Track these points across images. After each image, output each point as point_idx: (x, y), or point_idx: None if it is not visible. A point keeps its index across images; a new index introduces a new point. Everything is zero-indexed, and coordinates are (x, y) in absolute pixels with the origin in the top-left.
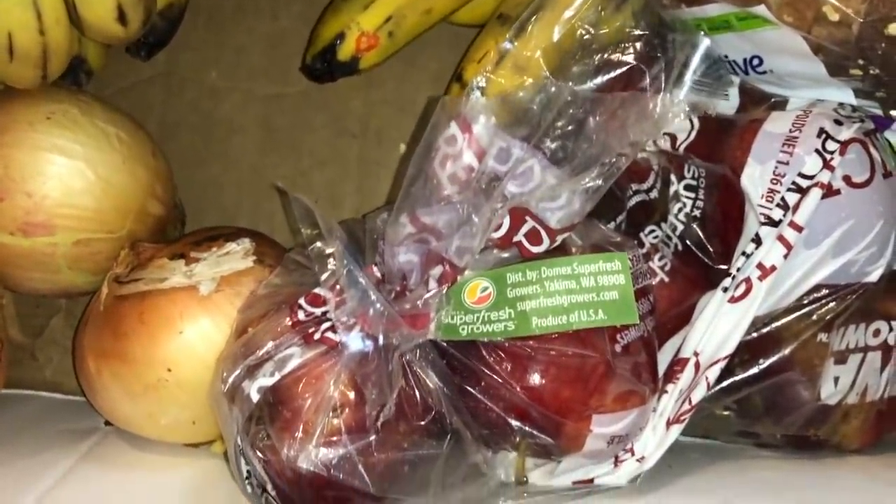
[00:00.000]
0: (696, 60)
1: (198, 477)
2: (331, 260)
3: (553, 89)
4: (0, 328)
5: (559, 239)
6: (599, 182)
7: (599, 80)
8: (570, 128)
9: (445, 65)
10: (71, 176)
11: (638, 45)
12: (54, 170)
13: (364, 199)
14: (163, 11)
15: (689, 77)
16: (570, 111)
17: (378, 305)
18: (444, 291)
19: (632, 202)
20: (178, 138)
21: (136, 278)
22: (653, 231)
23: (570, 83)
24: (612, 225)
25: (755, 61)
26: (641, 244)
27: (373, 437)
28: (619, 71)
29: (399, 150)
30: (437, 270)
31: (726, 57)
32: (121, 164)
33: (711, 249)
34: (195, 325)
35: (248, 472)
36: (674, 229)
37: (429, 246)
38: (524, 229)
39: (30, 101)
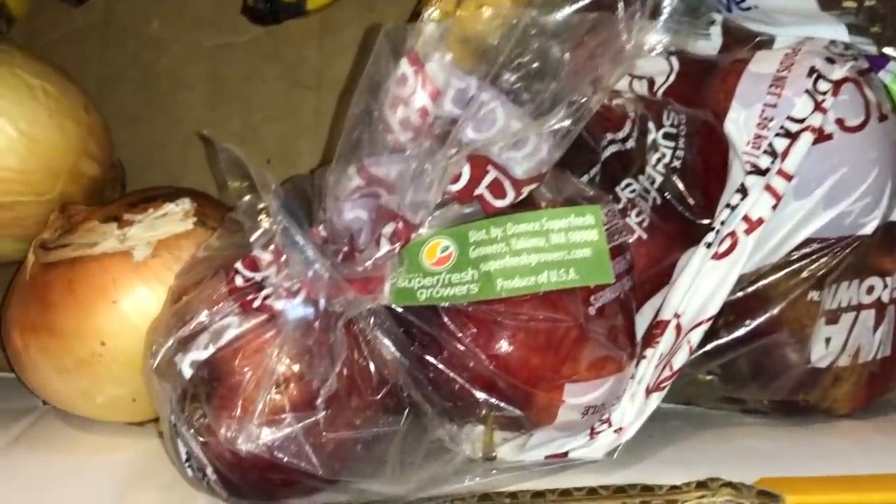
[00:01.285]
0: None
1: (140, 459)
2: (263, 216)
3: (514, 19)
4: None
5: (525, 191)
6: (568, 124)
7: (566, 9)
8: (535, 63)
9: (407, 8)
10: None
11: None
12: None
13: (320, 156)
14: None
15: (666, 8)
16: (535, 44)
17: (321, 268)
18: (398, 251)
19: (606, 153)
20: (117, 93)
21: (64, 244)
22: (629, 185)
23: (535, 12)
24: (585, 178)
25: None
26: (617, 199)
27: (321, 415)
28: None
29: None
30: (388, 228)
31: None
32: (47, 119)
33: (693, 203)
34: (130, 294)
35: (186, 454)
36: (652, 182)
37: (379, 200)
38: (486, 180)
39: None
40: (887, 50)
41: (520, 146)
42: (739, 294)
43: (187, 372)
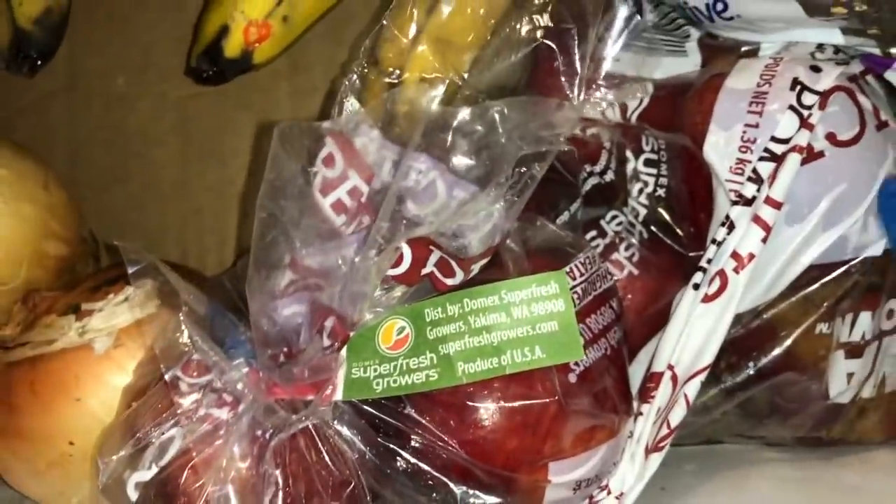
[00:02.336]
0: (615, 27)
1: None
2: (178, 335)
3: (444, 85)
4: None
5: (475, 268)
6: (510, 197)
7: (501, 66)
8: (472, 132)
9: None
10: None
11: (543, 17)
12: None
13: None
14: (39, 19)
15: (610, 49)
16: (467, 113)
17: (269, 370)
18: (339, 349)
19: (587, 187)
20: (89, 156)
21: (23, 342)
22: (615, 217)
23: (465, 76)
24: (566, 216)
25: (719, 6)
26: (603, 233)
27: None
28: (523, 52)
29: None
30: (329, 322)
31: (686, 3)
32: (2, 206)
33: (682, 234)
34: (94, 389)
35: None
36: (636, 214)
37: (315, 293)
38: (432, 260)
39: None
40: (893, 49)
41: (467, 218)
42: (742, 331)
43: (132, 495)
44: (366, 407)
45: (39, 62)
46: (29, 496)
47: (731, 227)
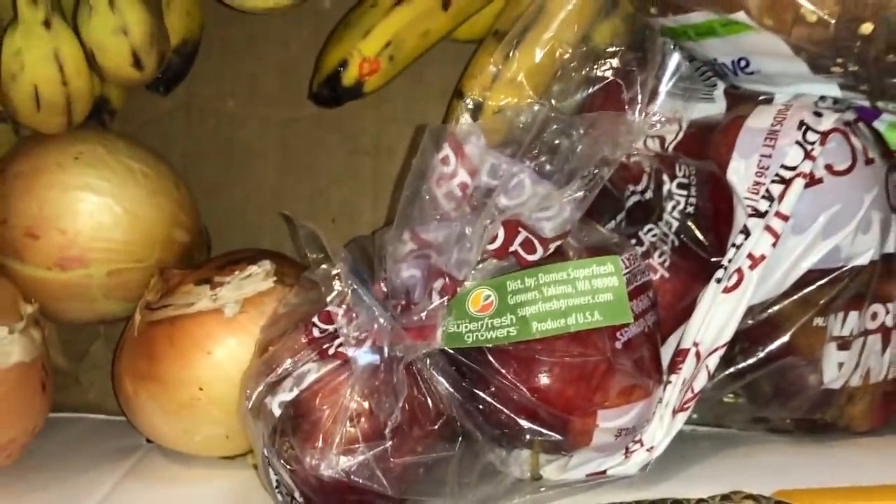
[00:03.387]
0: (668, 72)
1: (235, 488)
2: (337, 280)
3: (535, 108)
4: (45, 356)
5: (552, 247)
6: (583, 193)
7: (579, 96)
8: (553, 143)
9: (450, 80)
10: (100, 211)
11: (614, 62)
12: (85, 207)
13: (379, 213)
14: (177, 48)
15: (663, 87)
16: (552, 128)
17: (383, 320)
18: (447, 302)
19: (629, 202)
20: (200, 167)
21: (165, 304)
22: (651, 229)
23: (552, 101)
24: (612, 224)
25: (742, 63)
26: (641, 242)
27: (388, 444)
28: (597, 87)
29: None
30: (438, 283)
31: (715, 60)
32: (146, 198)
33: (707, 243)
34: (222, 346)
35: (276, 481)
36: (670, 227)
37: (429, 261)
38: (519, 239)
39: (58, 143)
40: (879, 103)
41: (545, 210)
42: (752, 322)
43: (276, 411)
44: (457, 356)
45: (172, 84)
46: (153, 436)
47: (748, 234)
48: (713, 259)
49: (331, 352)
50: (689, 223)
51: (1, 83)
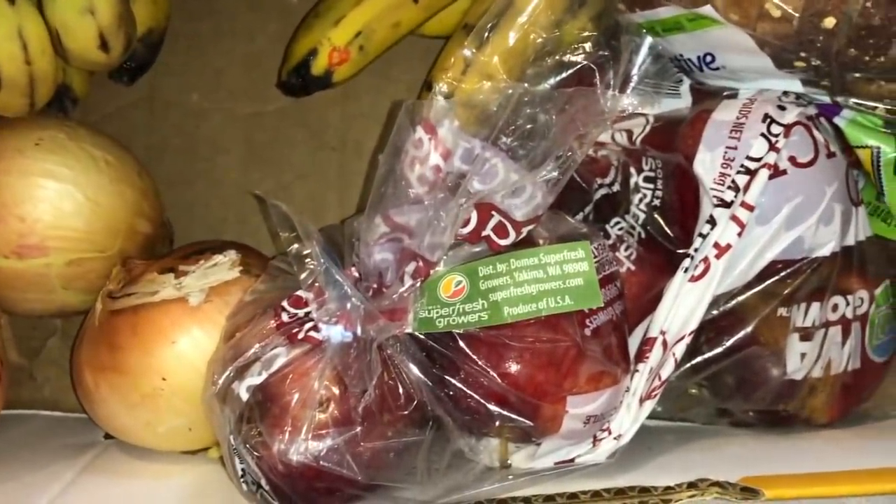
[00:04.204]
0: (639, 60)
1: (196, 482)
2: (309, 260)
3: (509, 91)
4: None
5: (525, 231)
6: (556, 174)
7: (553, 81)
8: (527, 126)
9: (417, 76)
10: (61, 199)
11: (587, 46)
12: (45, 193)
13: (345, 209)
14: (143, 37)
15: (635, 75)
16: (526, 110)
17: (356, 301)
18: (419, 286)
19: (597, 195)
20: (163, 159)
21: (128, 293)
22: (618, 223)
23: (526, 84)
24: (580, 217)
25: (708, 58)
26: (608, 235)
27: (358, 428)
28: (570, 71)
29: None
30: (411, 266)
31: (681, 56)
32: (108, 186)
33: (673, 235)
34: (186, 335)
35: (242, 470)
36: (637, 219)
37: (402, 244)
38: (491, 224)
39: (18, 128)
40: (839, 99)
41: (518, 194)
42: (716, 312)
43: (244, 395)
44: (427, 341)
45: (137, 74)
46: (114, 430)
47: (714, 224)
48: (679, 251)
49: (300, 336)
50: (656, 215)
51: None
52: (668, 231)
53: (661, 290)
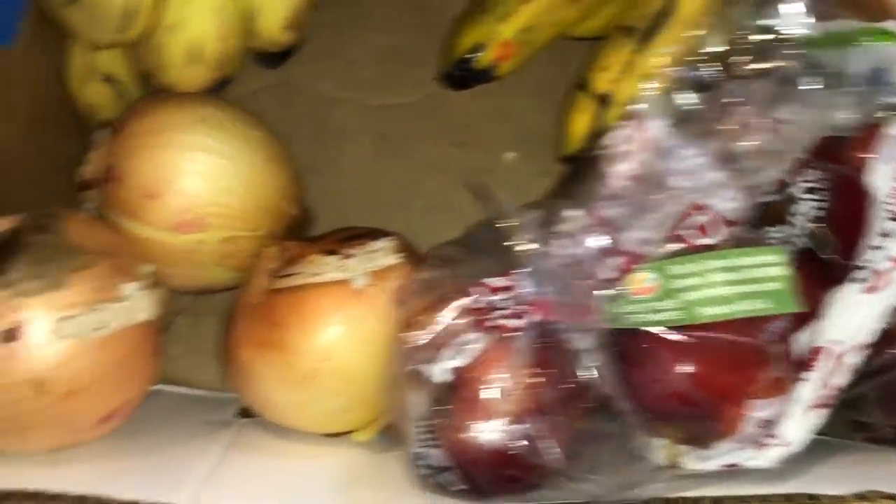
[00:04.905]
0: (809, 73)
1: (347, 464)
2: (516, 246)
3: (718, 89)
4: (161, 318)
5: (726, 233)
6: (764, 180)
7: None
8: (737, 126)
9: (545, 76)
10: (220, 176)
11: (748, 56)
12: (205, 169)
13: (473, 204)
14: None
15: (806, 88)
16: (735, 110)
17: (550, 291)
18: (621, 281)
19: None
20: (293, 147)
21: (292, 272)
22: (777, 232)
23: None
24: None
25: (881, 73)
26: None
27: (549, 418)
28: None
29: (504, 157)
30: (615, 261)
31: (847, 69)
32: (262, 166)
33: (834, 247)
34: (349, 317)
35: (426, 453)
36: (797, 229)
37: (605, 238)
38: (691, 222)
39: (180, 105)
40: None
41: (722, 195)
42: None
43: (438, 378)
44: (616, 336)
45: (284, 58)
46: (265, 407)
47: (888, 237)
48: (840, 262)
49: (493, 323)
50: (817, 226)
51: (148, 35)
52: (830, 243)
53: (816, 302)
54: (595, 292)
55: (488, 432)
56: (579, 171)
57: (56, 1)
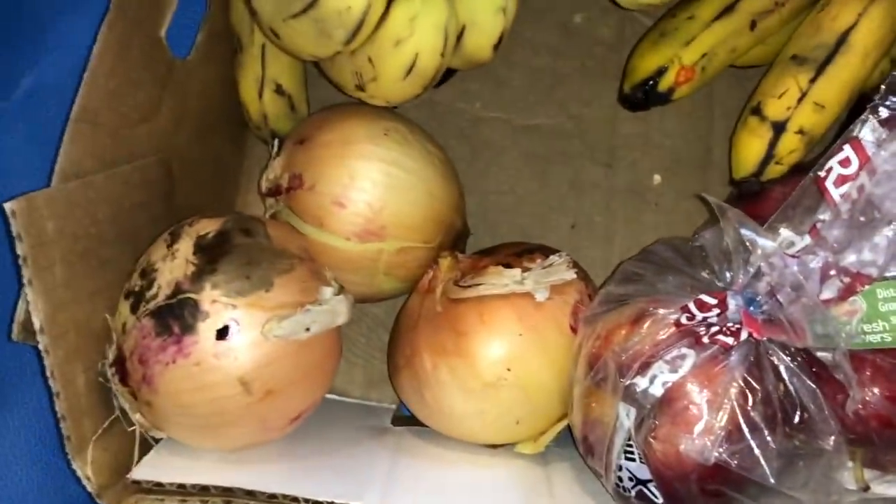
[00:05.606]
0: None
1: (515, 475)
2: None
3: None
4: None
5: None
6: None
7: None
8: None
9: (693, 100)
10: (406, 188)
11: None
12: (393, 182)
13: (618, 224)
14: None
15: None
16: None
17: (763, 310)
18: (836, 303)
19: None
20: None
21: (475, 283)
22: None
23: None
24: None
25: None
26: None
27: (758, 435)
28: None
29: (653, 180)
30: (835, 283)
31: None
32: (440, 181)
33: None
34: (532, 329)
35: (627, 466)
36: None
37: (825, 258)
38: None
39: (365, 117)
40: None
41: None
42: None
43: (657, 392)
44: (818, 356)
45: (448, 77)
46: (439, 415)
47: None
48: None
49: (706, 339)
50: None
51: (367, 50)
52: None
53: None
54: (810, 313)
55: (696, 447)
56: (759, 193)
57: (281, 14)
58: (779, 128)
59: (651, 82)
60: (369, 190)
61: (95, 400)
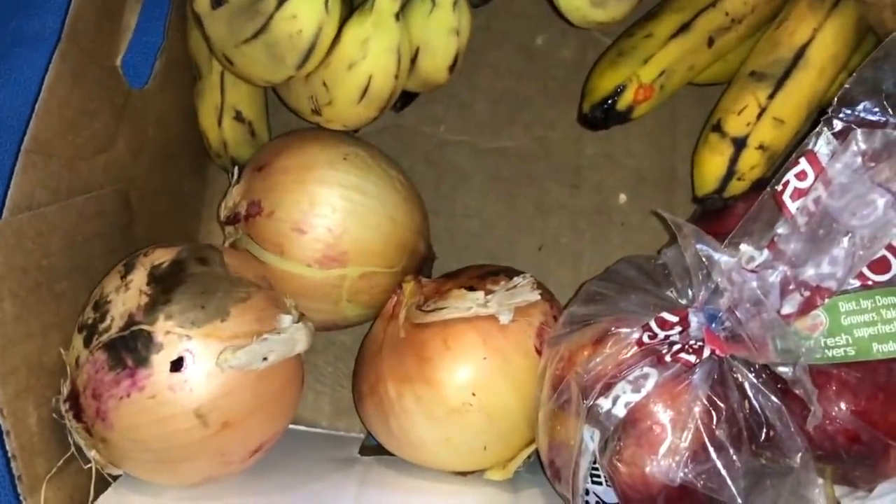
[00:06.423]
0: None
1: (488, 502)
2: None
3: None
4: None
5: None
6: None
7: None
8: None
9: (656, 119)
10: (367, 213)
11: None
12: (353, 207)
13: (585, 245)
14: None
15: None
16: None
17: (724, 326)
18: (797, 317)
19: None
20: None
21: (438, 307)
22: None
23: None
24: None
25: None
26: None
27: (724, 454)
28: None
29: (619, 199)
30: (795, 297)
31: None
32: (402, 205)
33: None
34: (497, 352)
35: (590, 490)
36: None
37: (783, 272)
38: (871, 259)
39: (326, 143)
40: None
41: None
42: None
43: (619, 413)
44: (779, 371)
45: (410, 101)
46: (404, 443)
47: None
48: None
49: (668, 358)
50: None
51: (316, 72)
52: None
53: None
54: (770, 328)
55: (662, 468)
56: (723, 210)
57: (233, 39)
58: (739, 144)
59: (610, 101)
60: (329, 215)
61: (49, 437)
